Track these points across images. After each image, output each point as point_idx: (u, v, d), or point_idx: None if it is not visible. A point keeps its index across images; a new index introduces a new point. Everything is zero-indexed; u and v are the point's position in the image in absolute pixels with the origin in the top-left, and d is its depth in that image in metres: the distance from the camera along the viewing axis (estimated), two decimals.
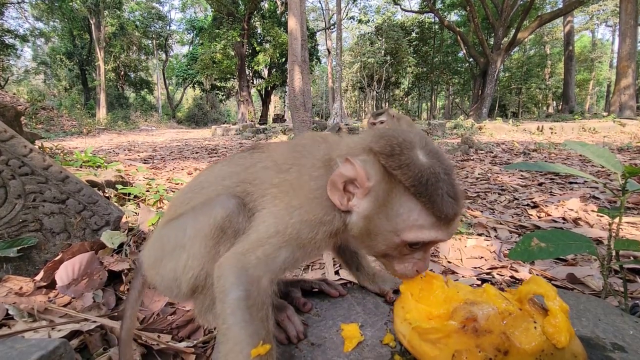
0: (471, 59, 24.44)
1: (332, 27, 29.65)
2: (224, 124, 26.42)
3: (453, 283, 0.80)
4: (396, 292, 0.97)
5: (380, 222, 0.70)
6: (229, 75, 25.83)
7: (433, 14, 24.26)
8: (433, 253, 1.90)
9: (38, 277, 1.45)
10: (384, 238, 0.71)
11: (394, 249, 0.72)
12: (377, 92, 25.67)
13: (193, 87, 31.30)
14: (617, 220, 1.07)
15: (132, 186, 2.80)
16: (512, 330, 0.64)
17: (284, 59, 24.21)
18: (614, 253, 1.06)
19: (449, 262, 1.79)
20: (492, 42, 20.46)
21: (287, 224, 0.72)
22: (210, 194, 0.84)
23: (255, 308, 0.68)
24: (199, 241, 0.77)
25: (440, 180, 0.66)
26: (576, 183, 3.47)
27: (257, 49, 24.31)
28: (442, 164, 0.69)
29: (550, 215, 2.44)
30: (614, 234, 1.07)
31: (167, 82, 37.73)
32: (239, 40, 22.86)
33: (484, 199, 3.10)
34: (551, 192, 3.18)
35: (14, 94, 18.62)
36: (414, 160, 0.67)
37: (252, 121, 22.28)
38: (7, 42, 24.15)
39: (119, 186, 2.62)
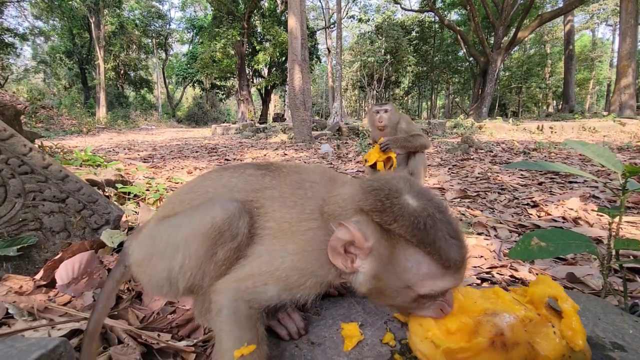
0: (471, 58, 24.41)
1: (332, 26, 29.62)
2: (224, 123, 26.43)
3: (462, 288, 0.78)
4: None
5: (390, 280, 0.68)
6: (229, 74, 25.79)
7: (433, 13, 24.23)
8: None
9: (38, 276, 1.45)
10: (397, 294, 0.69)
11: (412, 302, 0.69)
12: (377, 91, 25.65)
13: (193, 86, 31.25)
14: (617, 219, 1.07)
15: (132, 185, 2.80)
16: (535, 338, 0.63)
17: (284, 58, 24.18)
18: (613, 252, 1.07)
19: None
20: (492, 41, 20.43)
21: (278, 267, 0.74)
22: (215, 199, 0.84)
23: (244, 319, 0.73)
24: (195, 241, 0.75)
25: (438, 221, 0.64)
26: (576, 182, 3.47)
27: (257, 48, 24.28)
28: (433, 203, 0.68)
29: (550, 215, 2.44)
30: (613, 233, 1.07)
31: (167, 81, 37.70)
32: (238, 39, 22.83)
33: (484, 198, 3.10)
34: (551, 191, 3.18)
35: (14, 92, 18.60)
36: (406, 208, 0.65)
37: (252, 120, 22.27)
38: (6, 40, 24.10)
39: (119, 185, 2.62)
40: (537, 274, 1.57)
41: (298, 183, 0.85)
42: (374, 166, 2.78)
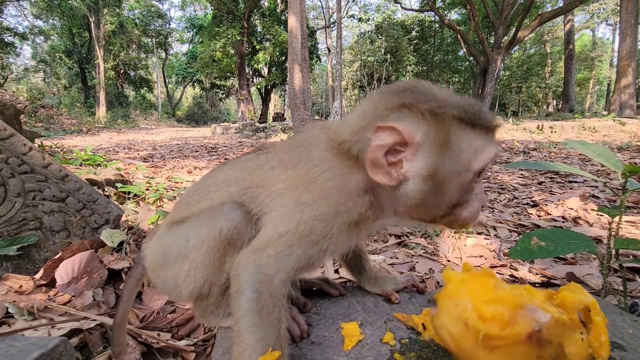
0: (471, 58, 24.40)
1: (332, 25, 29.61)
2: (223, 122, 26.43)
3: (496, 279, 0.75)
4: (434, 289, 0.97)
5: (447, 170, 0.65)
6: (228, 74, 25.79)
7: (433, 13, 24.21)
8: (433, 252, 1.90)
9: (38, 276, 1.45)
10: (456, 183, 0.66)
11: (466, 191, 0.68)
12: None
13: (193, 85, 31.26)
14: (616, 219, 1.07)
15: (131, 185, 2.80)
16: (564, 341, 0.63)
17: (283, 58, 24.17)
18: (613, 252, 1.07)
19: (449, 260, 1.79)
20: (492, 41, 20.43)
21: (299, 221, 0.68)
22: (215, 199, 0.81)
23: (265, 311, 0.66)
24: (202, 253, 0.75)
25: (466, 100, 0.66)
26: (576, 182, 3.47)
27: (257, 47, 24.27)
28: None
29: (550, 214, 2.44)
30: (613, 233, 1.07)
31: (166, 80, 37.68)
32: (238, 38, 22.81)
33: None
34: (551, 191, 3.18)
35: (14, 92, 18.61)
36: (442, 94, 0.66)
37: (252, 120, 22.26)
38: (6, 40, 24.10)
39: (119, 185, 2.62)
40: (541, 276, 1.58)
41: (295, 144, 0.81)
42: None
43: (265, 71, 27.94)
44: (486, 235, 2.12)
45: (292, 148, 0.81)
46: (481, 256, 1.81)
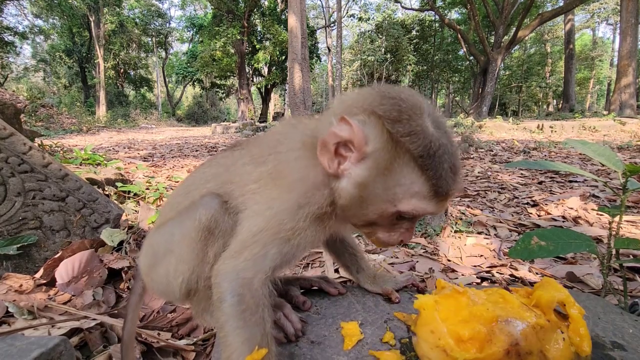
0: (471, 57, 24.38)
1: (332, 25, 29.60)
2: (224, 122, 26.43)
3: (467, 288, 0.77)
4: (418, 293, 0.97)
5: (375, 191, 0.65)
6: (228, 73, 25.78)
7: (433, 12, 24.19)
8: (433, 252, 1.90)
9: (38, 275, 1.45)
10: (377, 207, 0.67)
11: (385, 219, 0.69)
12: None
13: (193, 85, 31.24)
14: (617, 218, 1.07)
15: (131, 184, 2.80)
16: (545, 345, 0.63)
17: (284, 57, 24.16)
18: (613, 251, 1.06)
19: (449, 260, 1.79)
20: (492, 40, 20.41)
21: (269, 218, 0.69)
22: (195, 197, 0.82)
23: (249, 312, 0.68)
24: (186, 245, 0.76)
25: (447, 153, 0.63)
26: (576, 182, 3.47)
27: (257, 46, 24.25)
28: (447, 134, 0.66)
29: (550, 214, 2.44)
30: (614, 233, 1.07)
31: (166, 79, 37.67)
32: (238, 38, 22.80)
33: (484, 197, 3.10)
34: (551, 190, 3.18)
35: (14, 91, 18.60)
36: (424, 128, 0.62)
37: (252, 119, 22.25)
38: (6, 39, 24.08)
39: (119, 184, 2.62)
40: (540, 275, 1.58)
41: (266, 139, 0.83)
42: None
43: (265, 70, 27.93)
44: (486, 234, 2.12)
45: (263, 142, 0.83)
46: (481, 256, 1.81)
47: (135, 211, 2.35)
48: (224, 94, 31.16)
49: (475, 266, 1.70)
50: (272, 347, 0.69)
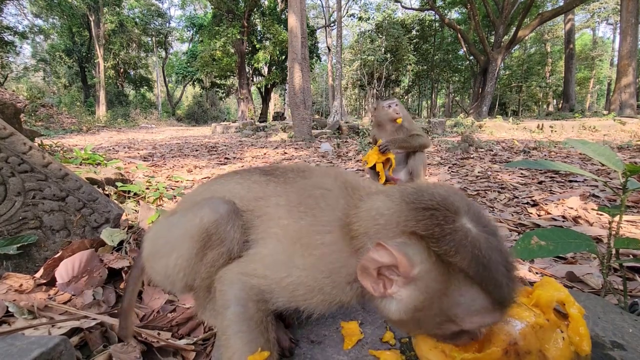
0: (471, 57, 24.38)
1: (332, 24, 29.57)
2: (223, 121, 26.40)
3: None
4: None
5: (432, 312, 0.59)
6: (228, 73, 25.75)
7: (433, 12, 24.18)
8: None
9: (38, 275, 1.45)
10: (436, 326, 0.61)
11: (448, 335, 0.63)
12: (377, 90, 25.61)
13: (193, 84, 31.22)
14: (617, 218, 1.07)
15: (132, 184, 2.80)
16: (544, 345, 0.63)
17: (283, 57, 24.15)
18: (613, 251, 1.06)
19: None
20: (492, 40, 20.40)
21: (284, 279, 0.68)
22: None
23: (253, 321, 0.68)
24: (186, 242, 0.76)
25: (497, 251, 0.57)
26: (576, 181, 3.47)
27: (257, 46, 24.23)
28: (490, 228, 0.59)
29: (550, 214, 2.44)
30: (613, 232, 1.07)
31: (166, 79, 37.64)
32: (238, 37, 22.77)
33: (484, 197, 3.10)
34: (551, 190, 3.18)
35: (13, 91, 18.59)
36: (468, 237, 0.56)
37: (252, 119, 22.23)
38: (6, 39, 24.05)
39: (119, 184, 2.62)
40: (541, 275, 1.58)
41: (307, 190, 0.78)
42: (373, 167, 2.78)
43: (265, 70, 27.91)
44: None
45: (303, 192, 0.78)
46: None
47: (136, 211, 2.35)
48: (224, 94, 31.13)
49: None
50: (274, 352, 0.68)
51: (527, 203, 2.83)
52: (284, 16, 23.43)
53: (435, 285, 0.57)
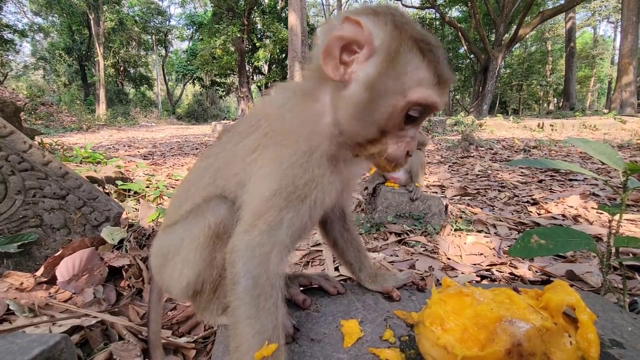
0: (472, 55, 24.31)
1: None
2: (224, 120, 26.34)
3: (473, 287, 0.76)
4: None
5: (385, 85, 0.64)
6: (228, 71, 25.73)
7: (434, 10, 24.11)
8: (432, 250, 1.90)
9: (39, 273, 1.45)
10: (387, 103, 0.65)
11: (394, 121, 0.66)
12: None
13: (193, 83, 31.21)
14: (617, 217, 1.07)
15: (132, 182, 2.80)
16: (550, 348, 0.63)
17: (284, 55, 24.10)
18: (613, 250, 1.07)
19: (449, 258, 1.80)
20: (493, 39, 20.33)
21: (280, 178, 0.67)
22: (195, 195, 0.83)
23: (263, 297, 0.66)
24: (193, 250, 0.77)
25: (437, 42, 0.66)
26: (576, 180, 3.47)
27: (257, 44, 24.19)
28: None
29: (550, 212, 2.44)
30: (613, 231, 1.07)
31: (166, 78, 37.58)
32: (238, 35, 22.73)
33: (484, 195, 3.10)
34: (551, 189, 3.18)
35: (13, 89, 18.57)
36: (417, 23, 0.67)
37: None
38: (5, 37, 24.01)
39: (119, 182, 2.62)
40: (540, 274, 1.58)
41: (250, 113, 0.84)
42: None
43: (265, 69, 27.86)
44: (486, 233, 2.12)
45: (247, 117, 0.82)
46: (481, 254, 1.82)
47: (136, 209, 2.35)
48: (224, 92, 31.11)
49: (475, 264, 1.70)
50: (281, 340, 0.67)
51: (527, 202, 2.83)
52: (284, 14, 23.38)
53: (391, 54, 0.63)
